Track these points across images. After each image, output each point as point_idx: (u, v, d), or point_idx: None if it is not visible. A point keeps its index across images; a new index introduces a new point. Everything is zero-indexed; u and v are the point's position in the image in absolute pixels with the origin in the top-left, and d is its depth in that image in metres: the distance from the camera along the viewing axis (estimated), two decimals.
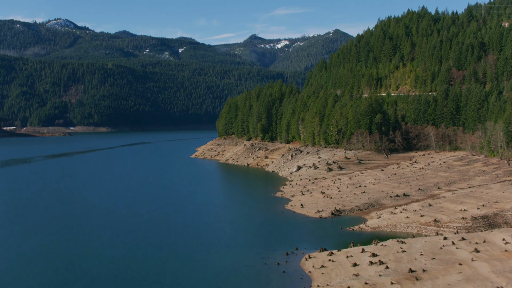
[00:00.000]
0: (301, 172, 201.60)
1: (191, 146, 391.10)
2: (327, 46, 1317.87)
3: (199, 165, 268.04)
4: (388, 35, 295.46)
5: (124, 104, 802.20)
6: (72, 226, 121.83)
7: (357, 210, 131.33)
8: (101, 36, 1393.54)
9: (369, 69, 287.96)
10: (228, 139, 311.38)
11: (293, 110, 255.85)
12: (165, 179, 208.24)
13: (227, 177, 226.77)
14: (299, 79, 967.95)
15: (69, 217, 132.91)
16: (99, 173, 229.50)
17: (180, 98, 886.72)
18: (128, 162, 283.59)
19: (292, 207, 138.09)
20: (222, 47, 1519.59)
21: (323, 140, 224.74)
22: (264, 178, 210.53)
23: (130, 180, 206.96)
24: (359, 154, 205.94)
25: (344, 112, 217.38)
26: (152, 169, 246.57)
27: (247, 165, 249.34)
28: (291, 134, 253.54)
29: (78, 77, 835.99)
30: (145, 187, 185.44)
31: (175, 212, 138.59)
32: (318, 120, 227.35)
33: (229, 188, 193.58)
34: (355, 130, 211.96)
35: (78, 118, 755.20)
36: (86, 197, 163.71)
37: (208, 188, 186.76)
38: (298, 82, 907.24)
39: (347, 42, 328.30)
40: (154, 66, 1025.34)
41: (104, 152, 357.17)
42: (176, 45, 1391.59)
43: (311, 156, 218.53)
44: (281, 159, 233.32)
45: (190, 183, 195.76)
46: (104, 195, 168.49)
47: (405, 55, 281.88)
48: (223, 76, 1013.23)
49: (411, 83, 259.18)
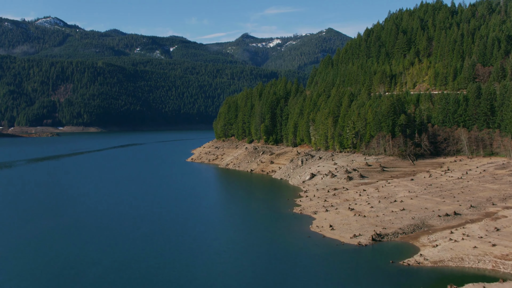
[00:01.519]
0: (315, 181, 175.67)
1: (185, 148, 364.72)
2: (321, 45, 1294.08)
3: (197, 171, 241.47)
4: (401, 29, 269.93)
5: (114, 103, 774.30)
6: (58, 244, 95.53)
7: (401, 233, 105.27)
8: (91, 35, 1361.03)
9: (381, 65, 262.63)
10: (227, 142, 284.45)
11: (301, 110, 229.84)
12: (161, 191, 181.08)
13: (231, 186, 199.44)
14: (293, 78, 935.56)
15: (56, 231, 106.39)
16: (86, 182, 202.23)
17: (172, 98, 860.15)
18: (118, 167, 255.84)
19: (319, 229, 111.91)
20: (214, 46, 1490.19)
21: (338, 144, 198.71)
22: (273, 187, 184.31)
23: (122, 190, 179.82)
24: (381, 160, 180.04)
25: (362, 112, 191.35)
26: (146, 176, 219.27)
27: (250, 171, 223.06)
28: (299, 136, 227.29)
29: (67, 76, 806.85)
30: (138, 202, 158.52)
31: (174, 241, 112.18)
32: (332, 122, 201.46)
33: (235, 201, 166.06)
34: (375, 133, 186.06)
35: (67, 118, 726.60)
36: (69, 212, 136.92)
37: (211, 202, 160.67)
38: (292, 81, 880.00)
39: (355, 37, 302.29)
40: (145, 65, 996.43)
41: (92, 155, 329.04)
42: (167, 44, 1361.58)
43: (325, 162, 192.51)
44: (290, 164, 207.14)
45: (190, 195, 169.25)
46: (92, 210, 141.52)
47: (421, 50, 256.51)
48: (215, 75, 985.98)
49: (430, 81, 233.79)
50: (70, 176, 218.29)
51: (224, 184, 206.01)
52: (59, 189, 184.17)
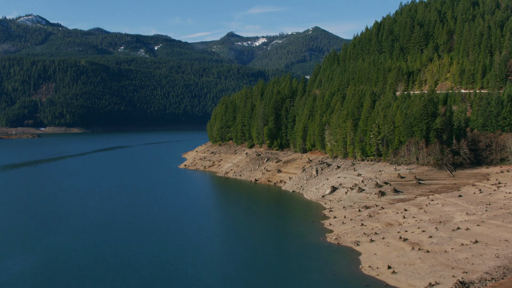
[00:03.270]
0: (338, 196, 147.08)
1: (174, 152, 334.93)
2: (307, 44, 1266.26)
3: (193, 180, 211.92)
4: (417, 22, 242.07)
5: (98, 103, 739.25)
6: None
7: (490, 280, 76.99)
8: (74, 33, 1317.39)
9: (394, 61, 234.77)
10: (224, 146, 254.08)
11: (311, 112, 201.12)
12: (155, 206, 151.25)
13: (236, 201, 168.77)
14: (281, 77, 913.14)
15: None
16: (65, 197, 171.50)
17: (157, 97, 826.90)
18: (103, 176, 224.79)
19: (376, 272, 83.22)
20: (199, 44, 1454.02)
21: (359, 151, 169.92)
22: (287, 202, 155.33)
23: (108, 209, 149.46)
24: (415, 171, 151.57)
25: (389, 114, 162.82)
26: (135, 188, 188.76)
27: (254, 181, 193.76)
28: (309, 141, 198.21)
29: (49, 75, 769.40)
30: (130, 225, 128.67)
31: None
32: (351, 125, 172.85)
33: (248, 224, 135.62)
34: (406, 139, 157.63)
35: (49, 118, 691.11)
36: (42, 245, 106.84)
37: (217, 225, 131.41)
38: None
39: (365, 30, 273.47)
40: (129, 64, 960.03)
41: (75, 160, 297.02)
42: (151, 42, 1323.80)
43: (346, 173, 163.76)
44: (302, 174, 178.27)
45: (189, 215, 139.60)
46: (72, 238, 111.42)
47: (441, 44, 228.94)
48: (201, 74, 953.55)
49: (454, 78, 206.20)
50: (47, 189, 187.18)
51: (227, 198, 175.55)
52: (30, 208, 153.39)
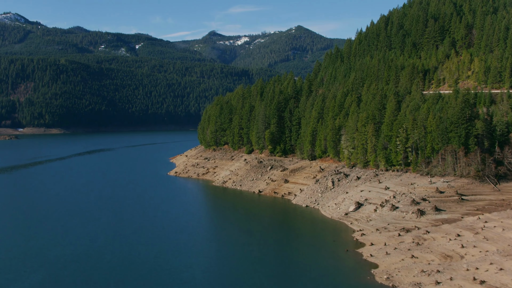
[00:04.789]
0: (366, 213, 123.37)
1: (161, 155, 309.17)
2: (291, 43, 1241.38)
3: (187, 191, 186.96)
4: (431, 15, 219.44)
5: (78, 103, 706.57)
6: None
7: None
8: (53, 31, 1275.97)
9: (406, 57, 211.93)
10: (219, 151, 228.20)
11: (320, 114, 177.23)
12: (150, 230, 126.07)
13: (242, 218, 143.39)
14: (265, 76, 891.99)
15: None
16: (42, 215, 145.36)
17: (139, 97, 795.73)
18: (85, 185, 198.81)
19: None
20: (181, 43, 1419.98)
21: (383, 160, 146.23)
22: (303, 221, 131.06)
23: (94, 231, 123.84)
24: (453, 184, 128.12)
25: (419, 118, 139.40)
26: (123, 201, 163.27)
27: (258, 192, 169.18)
28: (320, 147, 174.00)
29: (28, 74, 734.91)
30: (122, 257, 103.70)
31: None
32: (373, 130, 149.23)
33: (260, 249, 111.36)
34: (440, 146, 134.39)
35: (27, 118, 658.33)
36: None
37: (221, 253, 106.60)
38: (264, 79, 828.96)
39: (372, 24, 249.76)
40: (110, 63, 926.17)
41: (54, 165, 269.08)
42: (132, 41, 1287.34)
43: (369, 185, 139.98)
44: (316, 186, 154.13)
45: (188, 238, 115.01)
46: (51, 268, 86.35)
47: (458, 40, 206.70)
48: (184, 73, 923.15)
49: (478, 77, 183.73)
50: (19, 204, 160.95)
51: (230, 216, 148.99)
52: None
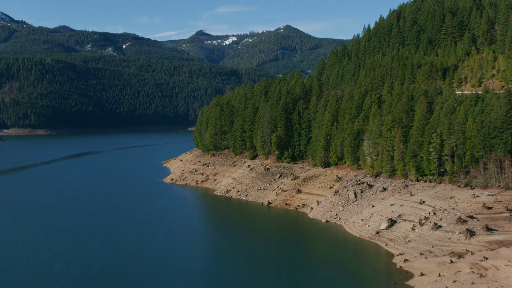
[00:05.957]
0: (401, 232, 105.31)
1: (153, 159, 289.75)
2: (279, 42, 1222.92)
3: (187, 202, 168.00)
4: (448, 9, 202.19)
5: (64, 103, 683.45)
6: None
7: None
8: (39, 31, 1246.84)
9: (422, 55, 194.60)
10: (219, 156, 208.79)
11: (334, 116, 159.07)
12: (151, 253, 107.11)
13: (253, 239, 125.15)
14: (254, 76, 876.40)
15: None
16: (22, 235, 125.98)
17: (127, 97, 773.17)
18: (74, 194, 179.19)
19: None
20: (168, 43, 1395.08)
21: (414, 168, 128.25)
22: (327, 240, 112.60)
23: (85, 257, 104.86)
24: (500, 198, 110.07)
25: (456, 122, 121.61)
26: (118, 215, 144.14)
27: (267, 203, 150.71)
28: (335, 153, 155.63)
29: (13, 74, 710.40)
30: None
31: None
32: (400, 135, 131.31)
33: (284, 281, 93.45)
34: (482, 154, 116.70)
35: (12, 119, 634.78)
36: None
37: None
38: (254, 79, 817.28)
39: (381, 19, 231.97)
40: (97, 62, 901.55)
41: (38, 170, 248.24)
42: (119, 40, 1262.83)
43: (399, 198, 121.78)
44: (335, 198, 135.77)
45: (195, 267, 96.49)
46: None
47: (479, 36, 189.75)
48: (172, 73, 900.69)
49: (505, 76, 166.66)
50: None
51: (238, 232, 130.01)
52: None
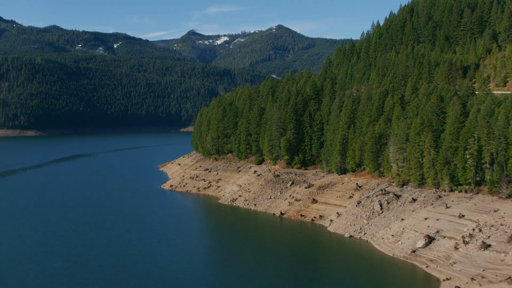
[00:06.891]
0: (442, 251, 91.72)
1: (149, 162, 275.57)
2: (272, 42, 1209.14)
3: (190, 211, 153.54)
4: (466, 4, 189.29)
5: (54, 104, 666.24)
6: None
7: None
8: (29, 30, 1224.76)
9: (439, 52, 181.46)
10: (222, 161, 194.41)
11: (350, 119, 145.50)
12: (154, 276, 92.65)
13: (270, 257, 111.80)
14: (247, 76, 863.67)
15: None
16: (8, 253, 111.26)
17: (118, 97, 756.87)
18: (65, 204, 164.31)
19: None
20: (160, 43, 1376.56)
21: (447, 177, 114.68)
22: (358, 261, 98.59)
23: (83, 281, 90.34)
24: None
25: (497, 126, 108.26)
26: (114, 229, 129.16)
27: (280, 214, 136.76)
28: (353, 159, 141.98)
29: (2, 74, 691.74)
30: None
31: None
32: (431, 140, 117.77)
33: None
34: None
35: (1, 120, 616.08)
36: None
37: None
38: (247, 79, 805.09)
39: (392, 15, 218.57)
40: (88, 62, 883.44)
41: (27, 175, 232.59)
42: (110, 40, 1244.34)
43: (433, 210, 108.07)
44: (358, 209, 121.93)
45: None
46: None
47: (500, 32, 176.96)
48: (164, 73, 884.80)
49: None
50: None
51: (254, 251, 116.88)
52: None
